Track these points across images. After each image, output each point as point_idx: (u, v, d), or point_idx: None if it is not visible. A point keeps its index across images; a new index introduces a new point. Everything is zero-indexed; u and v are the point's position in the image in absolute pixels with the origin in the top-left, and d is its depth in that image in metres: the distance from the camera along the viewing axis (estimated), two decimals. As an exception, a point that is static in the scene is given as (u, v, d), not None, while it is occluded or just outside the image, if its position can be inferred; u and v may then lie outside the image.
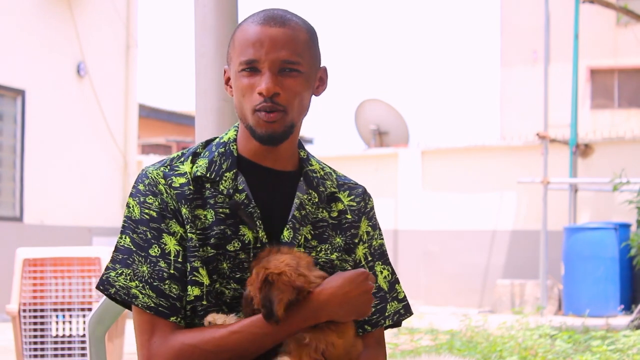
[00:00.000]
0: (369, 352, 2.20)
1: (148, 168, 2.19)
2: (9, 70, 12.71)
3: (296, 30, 2.14)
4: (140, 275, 2.09)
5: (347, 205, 2.26)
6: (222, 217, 2.13)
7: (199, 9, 3.94)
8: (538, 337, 7.61)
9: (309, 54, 2.16)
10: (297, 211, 2.17)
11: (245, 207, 2.13)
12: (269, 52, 2.09)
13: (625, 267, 12.83)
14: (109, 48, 14.39)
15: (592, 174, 14.37)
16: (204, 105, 3.93)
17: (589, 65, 21.86)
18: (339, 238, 2.22)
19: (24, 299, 6.73)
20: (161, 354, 2.06)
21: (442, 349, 7.14)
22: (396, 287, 2.31)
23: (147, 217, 2.12)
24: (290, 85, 2.11)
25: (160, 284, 2.08)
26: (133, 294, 2.08)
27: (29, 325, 6.73)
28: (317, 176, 2.24)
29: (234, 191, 2.14)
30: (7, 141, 12.80)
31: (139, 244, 2.11)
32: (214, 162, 2.17)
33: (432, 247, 15.78)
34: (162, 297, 2.08)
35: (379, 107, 17.73)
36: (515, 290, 13.95)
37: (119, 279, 2.10)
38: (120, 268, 2.11)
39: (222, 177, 2.15)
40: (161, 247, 2.11)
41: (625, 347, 6.70)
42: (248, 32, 2.13)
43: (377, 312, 2.24)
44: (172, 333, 2.07)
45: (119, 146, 14.43)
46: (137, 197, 2.15)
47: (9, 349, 7.85)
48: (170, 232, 2.12)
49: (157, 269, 2.09)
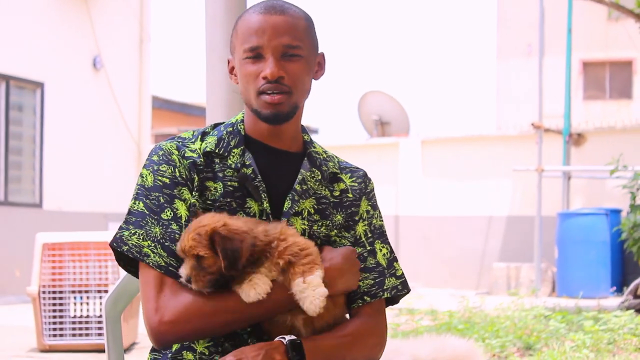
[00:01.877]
0: (370, 321, 2.24)
1: (161, 143, 2.22)
2: (28, 63, 12.80)
3: (295, 18, 2.18)
4: (152, 236, 2.11)
5: (349, 185, 2.30)
6: (230, 189, 2.16)
7: (209, 5, 3.96)
8: (533, 318, 7.59)
9: (308, 39, 2.20)
10: (299, 185, 2.21)
11: (251, 180, 2.17)
12: (271, 38, 2.14)
13: (616, 251, 12.88)
14: (124, 42, 14.43)
15: (584, 162, 14.36)
16: (214, 96, 3.95)
17: (581, 58, 21.77)
18: (340, 215, 2.26)
19: (43, 281, 6.88)
20: (170, 307, 2.06)
21: (442, 329, 7.13)
22: (394, 264, 2.32)
23: (160, 183, 2.15)
24: (293, 69, 2.16)
25: (172, 244, 2.09)
26: (145, 253, 2.10)
27: (48, 306, 6.89)
28: (320, 157, 2.28)
29: (241, 166, 2.18)
30: (27, 131, 12.91)
31: (152, 208, 2.13)
32: (222, 139, 2.22)
33: (432, 232, 15.71)
34: (172, 256, 2.09)
35: (381, 99, 17.63)
36: (511, 273, 13.95)
37: (132, 238, 2.12)
38: (134, 228, 2.12)
39: (230, 153, 2.19)
40: (173, 211, 2.12)
41: (616, 327, 6.71)
42: (250, 21, 2.17)
43: (376, 285, 2.26)
44: (180, 290, 2.07)
45: (133, 136, 14.50)
46: (150, 167, 2.17)
47: (29, 329, 7.93)
48: (182, 198, 2.14)
49: (170, 231, 2.11)
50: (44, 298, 6.87)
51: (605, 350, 6.18)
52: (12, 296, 12.08)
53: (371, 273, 2.27)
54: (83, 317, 6.97)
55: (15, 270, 12.31)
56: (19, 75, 12.73)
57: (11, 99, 12.66)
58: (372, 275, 2.26)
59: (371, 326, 2.24)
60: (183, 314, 2.05)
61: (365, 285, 2.25)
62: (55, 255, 6.91)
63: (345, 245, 2.24)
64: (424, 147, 16.05)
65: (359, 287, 2.24)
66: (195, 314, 2.05)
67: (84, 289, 6.95)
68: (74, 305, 6.97)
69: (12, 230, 12.46)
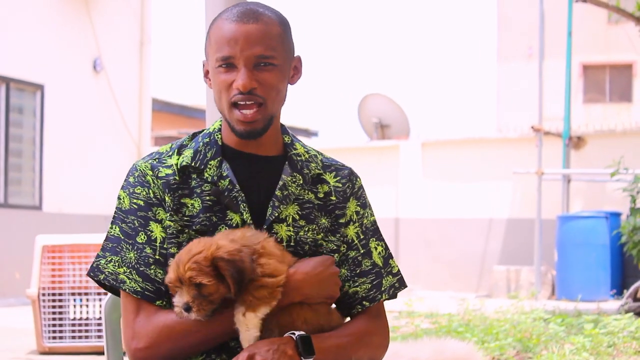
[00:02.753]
0: (372, 322, 2.24)
1: (138, 162, 2.21)
2: (28, 65, 12.81)
3: (269, 25, 2.13)
4: (127, 262, 2.11)
5: (332, 186, 2.26)
6: (208, 204, 2.13)
7: (209, 7, 3.93)
8: (532, 321, 7.56)
9: (282, 47, 2.15)
10: (280, 191, 2.17)
11: (229, 192, 2.14)
12: (243, 48, 2.10)
13: (615, 254, 12.85)
14: (124, 44, 14.44)
15: (584, 165, 14.33)
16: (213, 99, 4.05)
17: (581, 61, 21.81)
18: (325, 219, 2.22)
19: (43, 284, 6.87)
20: (144, 333, 2.08)
21: (441, 332, 7.10)
22: (390, 262, 2.31)
23: (136, 206, 2.14)
24: (266, 78, 2.12)
25: (146, 269, 2.10)
26: (121, 280, 2.11)
27: (48, 308, 6.87)
28: (302, 159, 2.23)
29: (218, 178, 2.15)
30: (27, 133, 12.91)
31: (127, 232, 2.13)
32: (199, 151, 2.18)
33: (432, 235, 15.68)
34: (148, 281, 2.10)
35: (381, 101, 17.61)
36: (511, 276, 13.95)
37: (108, 266, 2.12)
38: (110, 256, 2.13)
39: (206, 166, 2.16)
40: (147, 234, 2.12)
41: (615, 330, 6.69)
42: (223, 30, 2.13)
43: (374, 288, 2.25)
44: (155, 313, 2.09)
45: (133, 138, 14.51)
46: (127, 189, 2.17)
47: (29, 331, 7.92)
48: (157, 219, 2.13)
49: (144, 255, 2.11)
50: (43, 300, 6.87)
51: (605, 354, 6.16)
52: (12, 298, 12.09)
53: (368, 277, 2.26)
54: (83, 320, 6.96)
55: (15, 272, 12.31)
56: (19, 78, 12.73)
57: (11, 101, 12.66)
58: (369, 279, 2.25)
59: (374, 327, 2.24)
60: (156, 340, 2.07)
61: (363, 290, 2.25)
62: (55, 257, 6.91)
63: (331, 249, 2.22)
64: (424, 149, 16.04)
65: (357, 292, 2.24)
66: (168, 337, 2.06)
67: (83, 292, 6.94)
68: (73, 308, 6.95)
69: (11, 233, 12.47)
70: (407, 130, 17.62)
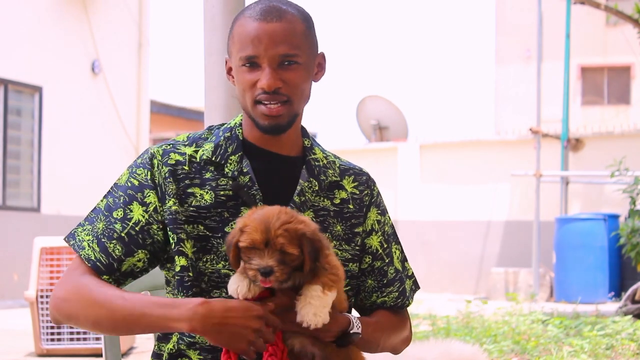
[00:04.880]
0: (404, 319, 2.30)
1: (153, 146, 2.19)
2: (27, 67, 12.80)
3: (293, 23, 2.11)
4: (95, 231, 2.11)
5: (350, 193, 2.24)
6: (222, 199, 2.12)
7: (207, 9, 3.92)
8: (531, 323, 7.59)
9: (306, 44, 2.13)
10: (298, 197, 2.15)
11: (248, 189, 2.12)
12: (267, 48, 2.08)
13: (614, 256, 12.89)
14: (122, 46, 14.45)
15: (582, 167, 14.40)
16: (212, 101, 3.91)
17: (579, 63, 21.84)
18: (339, 226, 2.20)
19: (41, 286, 6.85)
20: (68, 284, 2.07)
21: (440, 334, 7.07)
22: (405, 264, 2.33)
23: (129, 184, 2.14)
24: (291, 77, 2.10)
25: (107, 241, 2.09)
26: (82, 246, 2.10)
27: (46, 310, 6.83)
28: (320, 165, 2.22)
29: (238, 173, 2.13)
30: (25, 135, 12.90)
31: (110, 205, 2.13)
32: (219, 146, 2.17)
33: (430, 237, 15.73)
34: (104, 253, 2.09)
35: (380, 103, 17.66)
36: (509, 278, 13.97)
37: (81, 234, 2.12)
38: (87, 225, 2.13)
39: (227, 160, 2.15)
40: (125, 212, 2.11)
41: (614, 332, 6.75)
42: (246, 28, 2.10)
43: (401, 295, 2.28)
44: (91, 275, 2.08)
45: (131, 140, 14.51)
46: (131, 168, 2.17)
47: (27, 333, 7.92)
48: (144, 202, 2.12)
49: (110, 228, 2.10)
50: (42, 302, 6.86)
51: (604, 356, 6.18)
52: (10, 300, 12.07)
53: (394, 285, 2.28)
54: (81, 322, 6.97)
55: (14, 274, 12.30)
56: (17, 80, 12.72)
57: (9, 103, 12.65)
58: (395, 287, 2.28)
59: (403, 321, 2.29)
60: (71, 294, 2.05)
61: (391, 299, 2.28)
62: (53, 259, 6.90)
63: (345, 258, 2.20)
64: (423, 151, 16.08)
65: (385, 302, 2.27)
66: (82, 296, 2.04)
67: (82, 293, 6.94)
68: (72, 310, 6.95)
69: (10, 235, 12.45)
70: (406, 132, 17.67)
